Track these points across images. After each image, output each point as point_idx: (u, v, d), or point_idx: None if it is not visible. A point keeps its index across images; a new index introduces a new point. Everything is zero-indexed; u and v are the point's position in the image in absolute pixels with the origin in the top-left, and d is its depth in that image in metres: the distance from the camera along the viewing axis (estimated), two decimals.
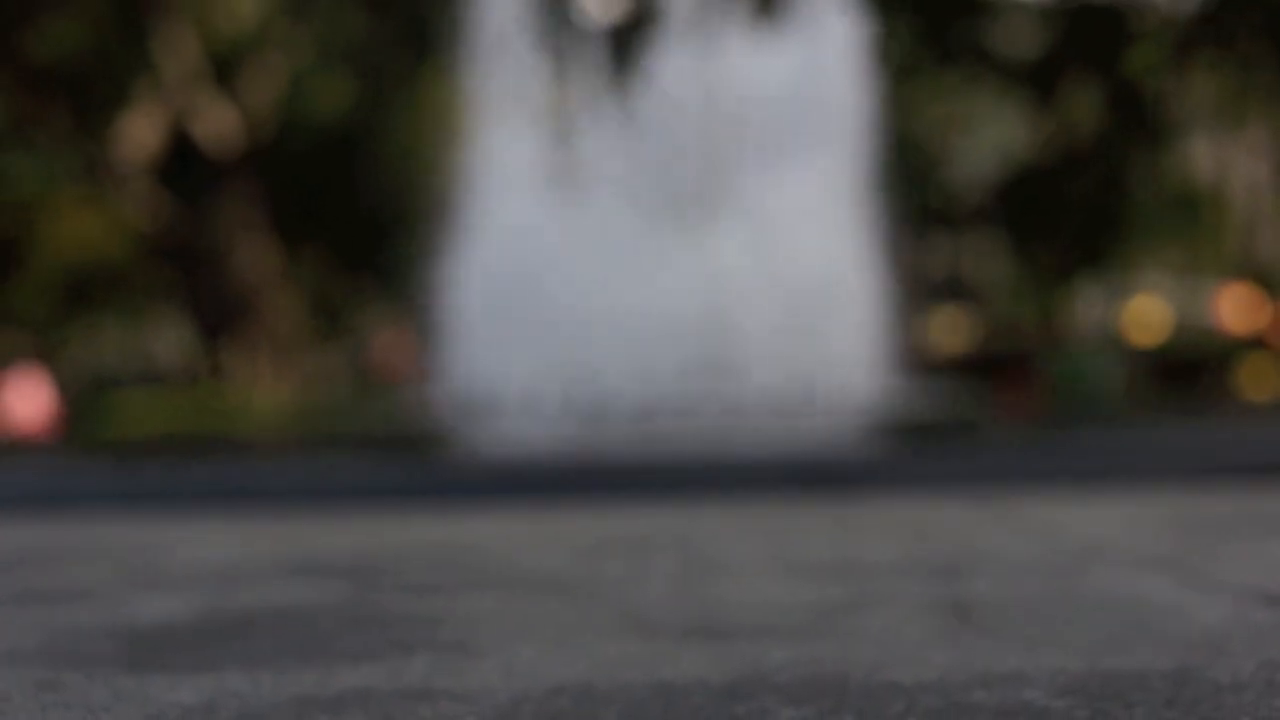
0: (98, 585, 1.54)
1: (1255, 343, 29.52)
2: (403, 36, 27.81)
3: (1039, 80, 27.66)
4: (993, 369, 26.52)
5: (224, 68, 29.30)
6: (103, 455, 4.13)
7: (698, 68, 11.86)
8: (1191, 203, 35.60)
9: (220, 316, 24.59)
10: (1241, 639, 1.15)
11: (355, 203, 31.64)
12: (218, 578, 1.55)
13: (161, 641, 1.21)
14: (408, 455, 3.71)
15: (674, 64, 11.84)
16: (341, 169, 31.71)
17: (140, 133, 25.08)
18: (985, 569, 1.52)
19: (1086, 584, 1.43)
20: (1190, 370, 25.89)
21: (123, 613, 1.37)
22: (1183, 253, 40.22)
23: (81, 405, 27.19)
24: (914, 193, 24.36)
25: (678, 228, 11.09)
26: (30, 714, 0.95)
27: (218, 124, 23.86)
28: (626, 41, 12.55)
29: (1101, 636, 1.16)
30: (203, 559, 1.71)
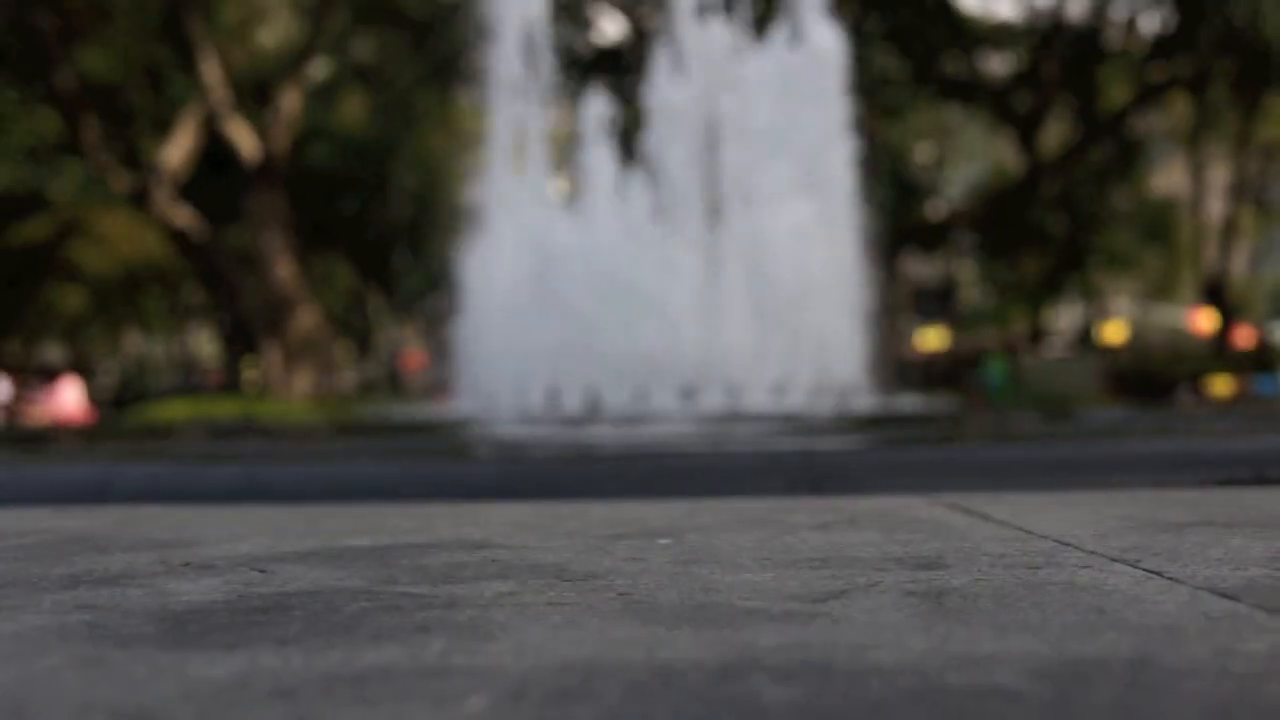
0: (138, 570, 1.56)
1: (1220, 352, 29.56)
2: (422, 57, 27.83)
3: (1019, 102, 27.62)
4: (959, 374, 26.58)
5: (254, 89, 29.38)
6: (140, 448, 4.14)
7: (697, 96, 11.89)
8: (1160, 221, 35.51)
9: (251, 325, 24.59)
10: (1197, 627, 1.16)
11: (377, 219, 31.65)
12: (249, 564, 1.56)
13: (198, 622, 1.22)
14: (426, 452, 3.72)
15: (674, 90, 11.87)
16: (364, 186, 31.69)
17: (176, 149, 25.11)
18: (960, 561, 1.53)
19: (1054, 576, 1.44)
20: (1160, 376, 25.92)
21: (162, 596, 1.38)
22: (1151, 268, 40.11)
23: (118, 410, 27.09)
24: (902, 213, 24.40)
25: (680, 245, 11.11)
26: (77, 688, 0.97)
27: (247, 142, 23.85)
28: (631, 66, 12.62)
29: (1067, 624, 1.17)
30: (235, 546, 1.72)
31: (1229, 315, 33.39)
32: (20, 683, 0.98)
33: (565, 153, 12.32)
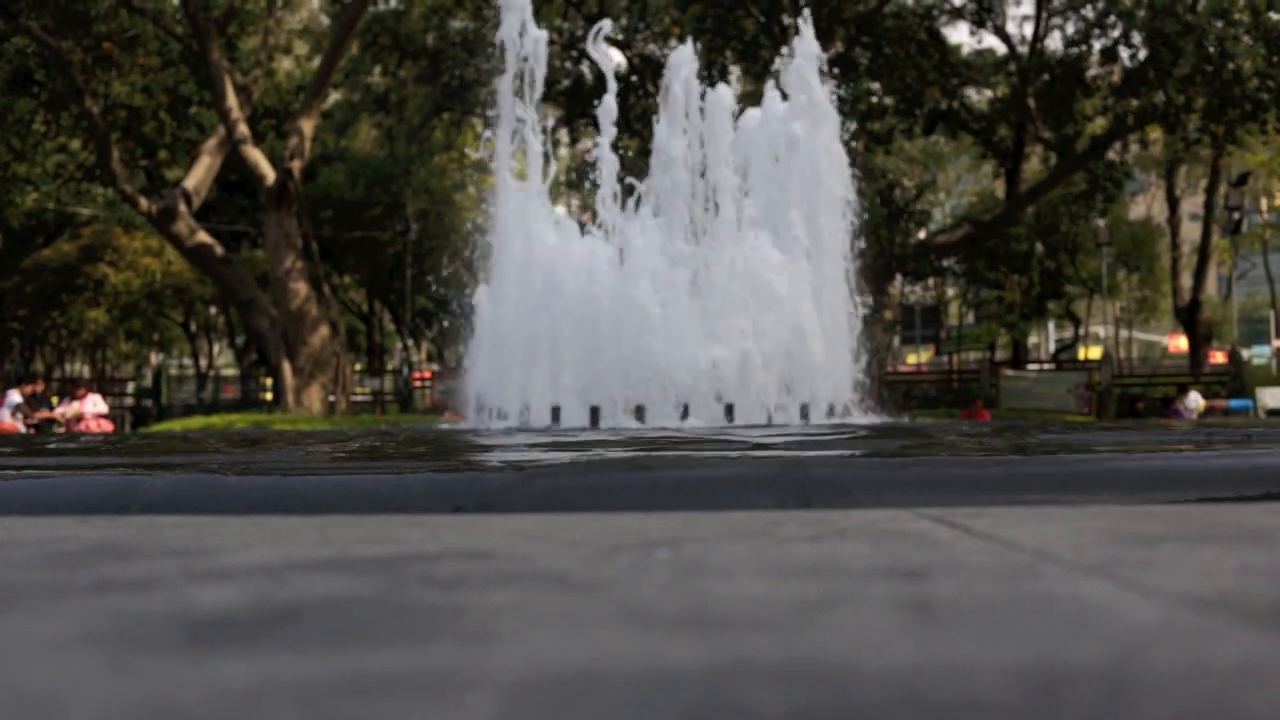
0: (160, 577, 1.56)
1: (1195, 373, 29.59)
2: (433, 88, 27.92)
3: (1001, 132, 27.69)
4: (954, 393, 26.62)
5: (272, 116, 29.46)
6: (159, 460, 4.14)
7: (695, 124, 11.93)
8: (1138, 247, 35.58)
9: (266, 342, 24.58)
10: (1171, 636, 1.16)
11: (388, 242, 31.69)
12: (265, 572, 1.57)
13: (218, 628, 1.22)
14: (435, 466, 3.72)
15: (673, 118, 11.91)
16: (376, 210, 31.72)
17: (197, 173, 25.15)
18: (945, 573, 1.54)
19: (1034, 587, 1.45)
20: (1140, 398, 25.96)
21: (183, 602, 1.39)
22: (1129, 293, 40.16)
23: (137, 424, 27.05)
24: (891, 239, 24.44)
25: (677, 275, 11.12)
26: (106, 692, 0.97)
27: (265, 167, 23.89)
28: (628, 99, 12.69)
29: (1046, 633, 1.18)
30: (251, 555, 1.73)
31: (1204, 338, 33.46)
32: (51, 687, 0.98)
33: (572, 180, 12.36)
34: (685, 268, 11.01)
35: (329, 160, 33.38)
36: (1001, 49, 28.41)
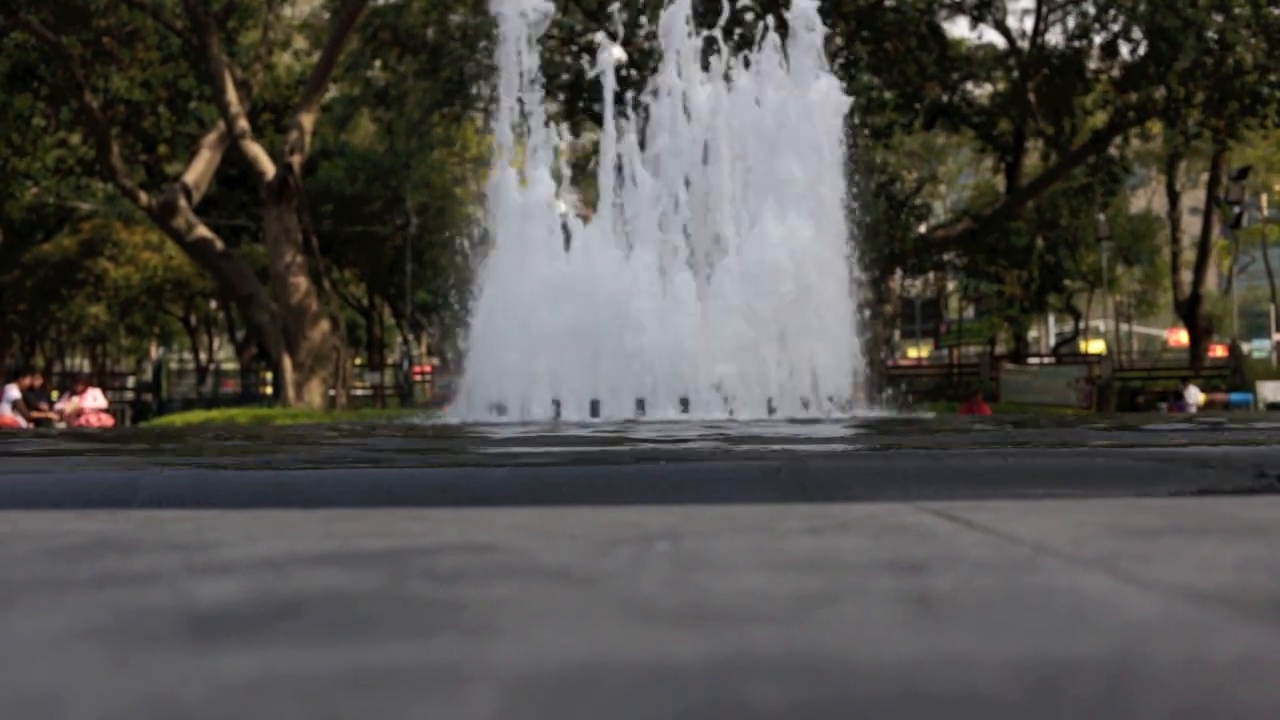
0: (162, 571, 1.56)
1: (1195, 367, 29.61)
2: (433, 82, 27.89)
3: (1001, 126, 27.64)
4: (954, 386, 26.65)
5: (272, 111, 29.47)
6: (160, 454, 4.14)
7: (693, 121, 11.93)
8: (1138, 240, 35.56)
9: (267, 336, 24.58)
10: (1170, 629, 1.16)
11: (388, 236, 31.72)
12: (267, 566, 1.57)
13: (220, 622, 1.22)
14: (434, 460, 3.72)
15: (672, 114, 11.90)
16: (376, 204, 31.74)
17: (196, 168, 25.16)
18: (944, 567, 1.54)
19: (1033, 581, 1.45)
20: (1140, 392, 26.00)
21: (185, 597, 1.39)
22: (1129, 288, 40.16)
23: (138, 418, 27.09)
24: (892, 233, 24.44)
25: (677, 264, 11.12)
26: (108, 686, 0.97)
27: (265, 162, 23.87)
28: (629, 94, 12.68)
29: (1045, 627, 1.18)
30: (253, 549, 1.73)
31: (1204, 332, 33.47)
32: (51, 682, 0.98)
33: (571, 175, 12.35)
34: (683, 261, 11.01)
35: (329, 155, 33.35)
36: (1002, 43, 28.37)
